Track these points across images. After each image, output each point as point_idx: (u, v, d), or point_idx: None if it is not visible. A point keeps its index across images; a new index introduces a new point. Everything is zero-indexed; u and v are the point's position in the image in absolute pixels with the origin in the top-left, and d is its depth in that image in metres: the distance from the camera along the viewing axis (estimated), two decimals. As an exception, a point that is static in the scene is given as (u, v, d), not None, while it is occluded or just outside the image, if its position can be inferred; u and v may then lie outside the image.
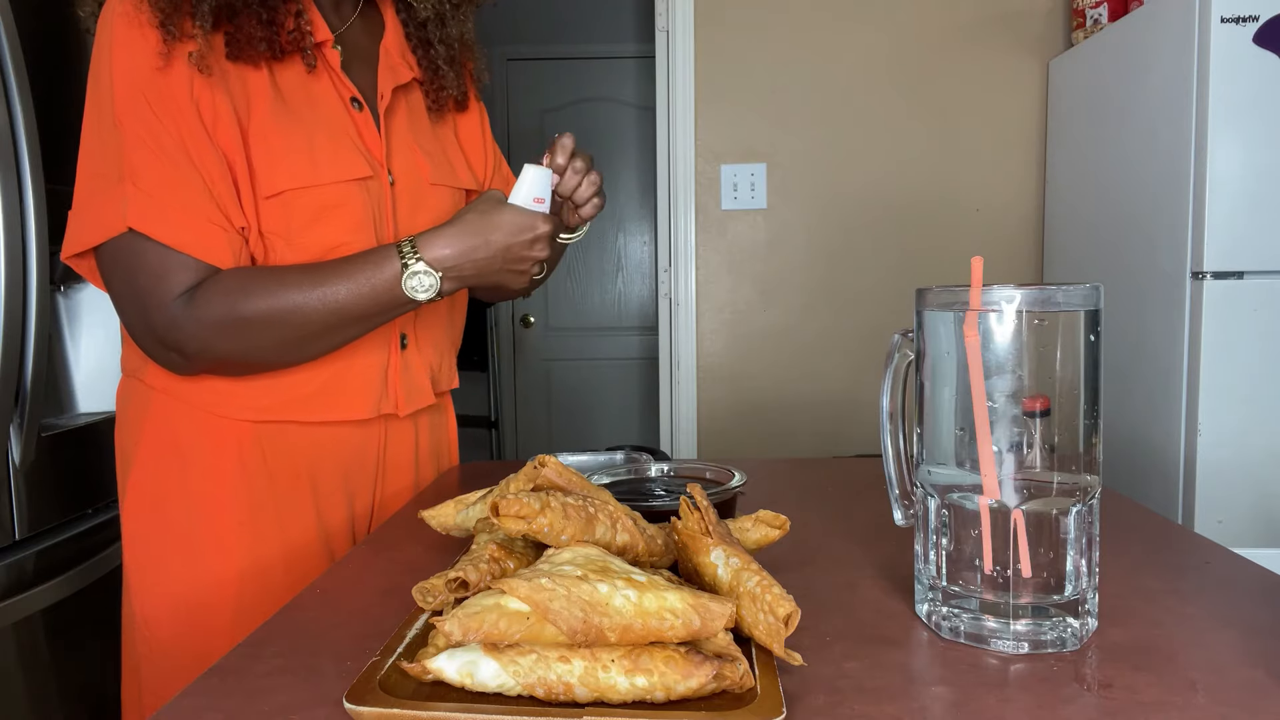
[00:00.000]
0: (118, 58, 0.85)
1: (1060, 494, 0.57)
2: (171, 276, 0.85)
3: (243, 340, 0.86)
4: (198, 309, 0.84)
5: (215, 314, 0.85)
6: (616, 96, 3.97)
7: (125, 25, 0.85)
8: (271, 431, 0.95)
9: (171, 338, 0.86)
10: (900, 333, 0.65)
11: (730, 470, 0.86)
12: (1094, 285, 0.57)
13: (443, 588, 0.59)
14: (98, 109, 0.86)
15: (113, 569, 1.73)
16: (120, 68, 0.85)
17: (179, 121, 0.85)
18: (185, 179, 0.85)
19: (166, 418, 0.94)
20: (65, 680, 1.59)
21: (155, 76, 0.85)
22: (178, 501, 0.93)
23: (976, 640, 0.58)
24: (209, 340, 0.86)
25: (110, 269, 0.87)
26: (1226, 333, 1.69)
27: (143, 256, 0.84)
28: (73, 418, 1.72)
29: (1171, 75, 1.78)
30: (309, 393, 0.95)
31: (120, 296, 0.87)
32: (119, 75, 0.84)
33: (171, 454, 0.93)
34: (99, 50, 0.87)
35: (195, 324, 0.85)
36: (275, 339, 0.87)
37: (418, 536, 0.85)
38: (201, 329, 0.85)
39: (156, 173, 0.84)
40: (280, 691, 0.53)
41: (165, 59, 0.85)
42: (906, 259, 2.51)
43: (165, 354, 0.88)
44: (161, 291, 0.85)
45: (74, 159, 0.89)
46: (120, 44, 0.85)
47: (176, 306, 0.85)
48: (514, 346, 4.14)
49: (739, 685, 0.49)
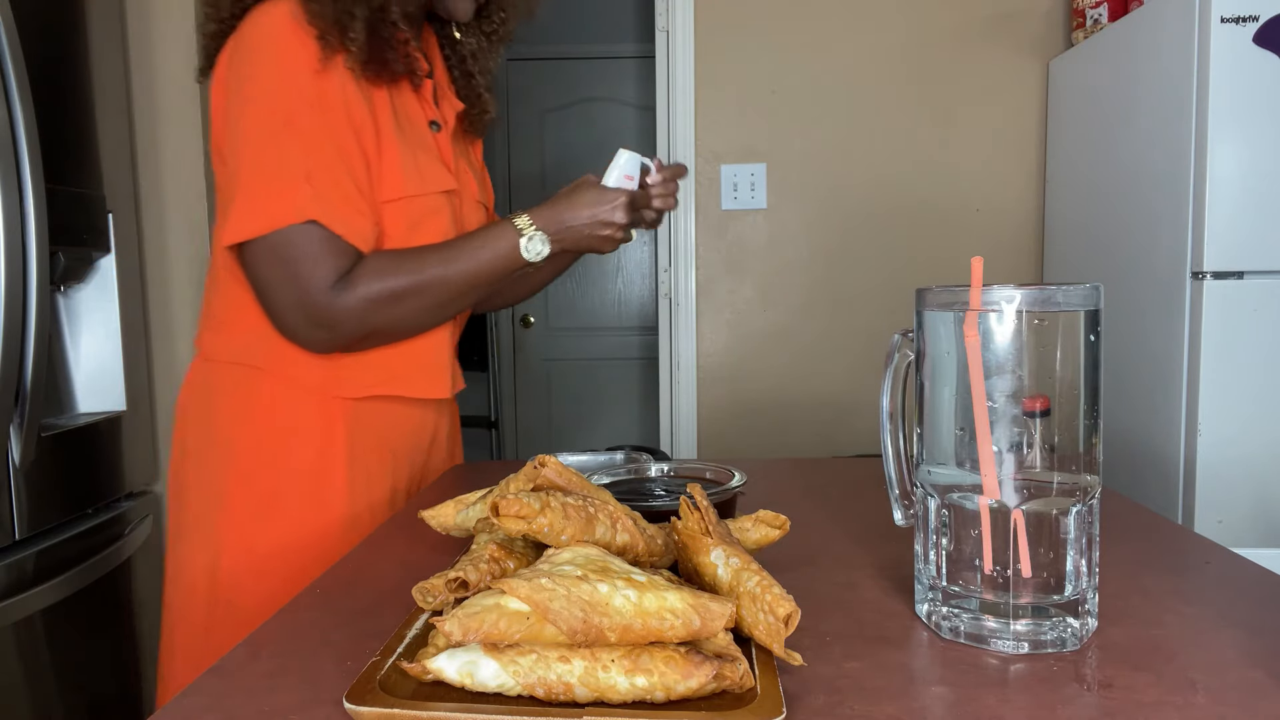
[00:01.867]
0: (286, 65, 0.94)
1: (1060, 494, 0.57)
2: (330, 261, 0.95)
3: (395, 311, 0.98)
4: (356, 289, 0.95)
5: (373, 291, 0.96)
6: (616, 96, 3.97)
7: (290, 36, 0.94)
8: (365, 408, 1.06)
9: (328, 317, 0.95)
10: (900, 333, 0.65)
11: (730, 470, 0.86)
12: (1094, 285, 0.57)
13: (443, 588, 0.59)
14: (262, 109, 0.94)
15: (113, 569, 1.73)
16: (288, 74, 0.94)
17: (337, 125, 0.96)
18: (344, 175, 0.96)
19: (275, 398, 1.02)
20: (65, 680, 1.59)
21: (319, 82, 0.95)
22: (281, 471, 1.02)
23: (976, 640, 0.58)
24: (366, 315, 0.96)
25: (269, 256, 0.94)
26: (1226, 333, 1.69)
27: (306, 244, 0.94)
28: (73, 418, 1.72)
29: (1171, 75, 1.78)
30: (401, 371, 1.07)
31: (275, 281, 0.95)
32: (288, 81, 0.94)
33: (279, 430, 1.02)
34: (260, 56, 0.95)
35: (356, 301, 0.95)
36: (420, 306, 1.00)
37: (418, 536, 0.85)
38: (361, 306, 0.96)
39: (325, 169, 0.95)
40: (280, 691, 0.53)
41: (324, 68, 0.95)
42: (906, 259, 2.51)
43: (314, 332, 0.97)
44: (320, 276, 0.94)
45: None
46: (288, 53, 0.94)
47: (336, 289, 0.95)
48: (514, 346, 4.14)
49: (739, 685, 0.49)
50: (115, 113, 1.79)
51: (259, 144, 0.94)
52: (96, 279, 1.76)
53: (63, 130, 1.61)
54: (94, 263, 1.75)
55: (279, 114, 0.94)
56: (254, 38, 0.95)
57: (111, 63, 1.79)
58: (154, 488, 1.99)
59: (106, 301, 1.77)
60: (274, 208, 0.93)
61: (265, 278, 0.95)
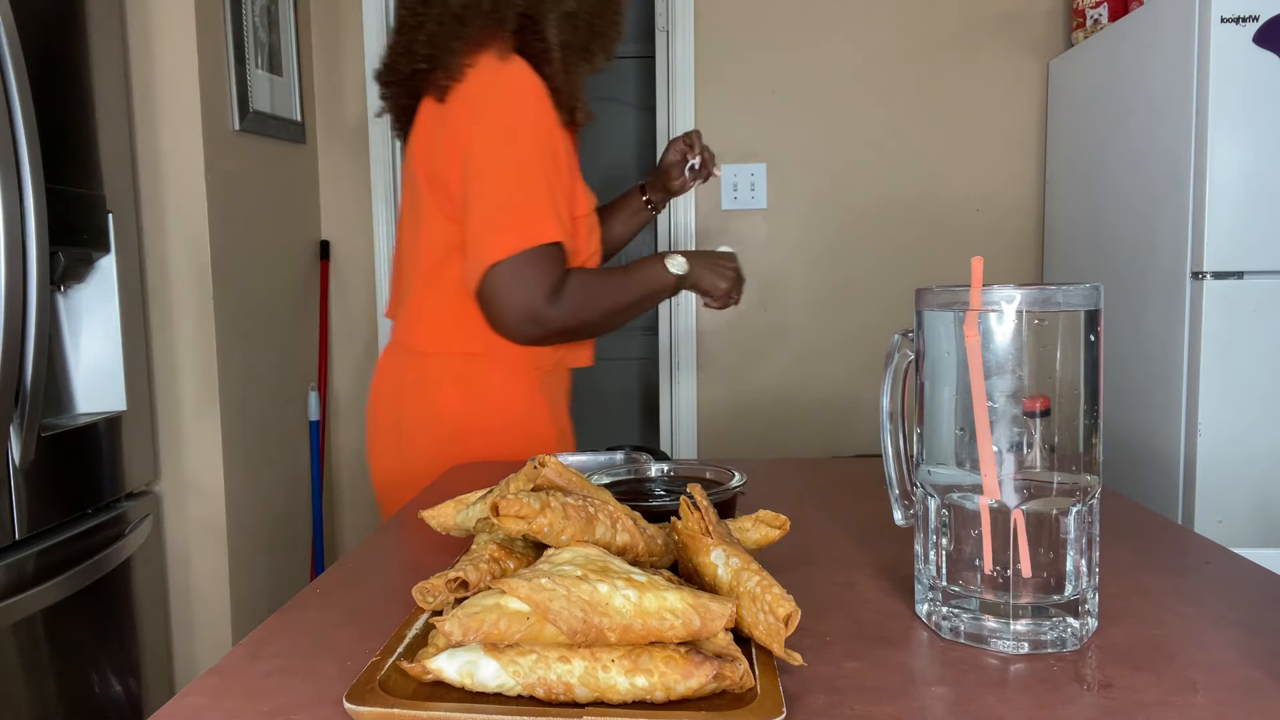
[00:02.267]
0: (536, 113, 1.17)
1: (1060, 494, 0.57)
2: (554, 272, 1.17)
3: (585, 321, 1.21)
4: (566, 298, 1.18)
5: (576, 301, 1.19)
6: (616, 96, 3.97)
7: (536, 91, 1.17)
8: (551, 377, 1.34)
9: (545, 316, 1.17)
10: (900, 333, 0.65)
11: (730, 470, 0.86)
12: (1094, 285, 0.57)
13: (443, 588, 0.59)
14: (512, 145, 1.16)
15: (113, 569, 1.73)
16: (534, 119, 1.17)
17: (561, 161, 1.20)
18: (564, 202, 1.20)
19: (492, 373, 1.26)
20: (65, 680, 1.59)
21: (554, 128, 1.19)
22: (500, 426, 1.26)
23: (976, 640, 0.58)
24: (567, 322, 1.19)
25: (514, 268, 1.15)
26: (1226, 333, 1.69)
27: (543, 261, 1.16)
28: (73, 418, 1.72)
29: (1171, 75, 1.78)
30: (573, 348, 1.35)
31: (512, 286, 1.15)
32: (538, 126, 1.17)
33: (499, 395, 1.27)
34: (507, 101, 1.17)
35: (565, 306, 1.18)
36: (603, 317, 1.23)
37: (418, 536, 0.85)
38: (567, 310, 1.18)
39: (559, 199, 1.18)
40: (280, 691, 0.53)
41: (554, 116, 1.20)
42: (906, 259, 2.51)
43: (529, 329, 1.18)
44: (545, 284, 1.16)
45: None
46: (535, 104, 1.17)
47: (552, 300, 1.17)
48: (514, 346, 4.15)
49: (739, 685, 0.49)
50: (115, 113, 1.79)
51: (517, 176, 1.15)
52: (96, 279, 1.76)
53: (63, 130, 1.61)
54: (94, 263, 1.75)
55: (522, 151, 1.16)
56: (504, 88, 1.16)
57: (111, 63, 1.79)
58: (154, 488, 1.99)
59: (106, 301, 1.77)
60: (529, 230, 1.15)
61: (504, 284, 1.15)
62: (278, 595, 2.28)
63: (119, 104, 1.81)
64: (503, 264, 1.14)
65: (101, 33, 1.75)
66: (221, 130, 2.04)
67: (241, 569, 2.10)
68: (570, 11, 1.23)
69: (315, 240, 2.54)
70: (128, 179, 1.84)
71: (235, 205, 2.08)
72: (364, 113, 2.54)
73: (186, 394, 1.99)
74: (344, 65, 2.53)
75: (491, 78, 1.16)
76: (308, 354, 2.49)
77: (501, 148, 1.15)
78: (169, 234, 1.96)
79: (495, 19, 1.18)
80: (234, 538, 2.07)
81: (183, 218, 1.96)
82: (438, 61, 1.20)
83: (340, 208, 2.57)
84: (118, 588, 1.77)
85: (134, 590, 1.83)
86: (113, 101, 1.79)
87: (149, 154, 1.94)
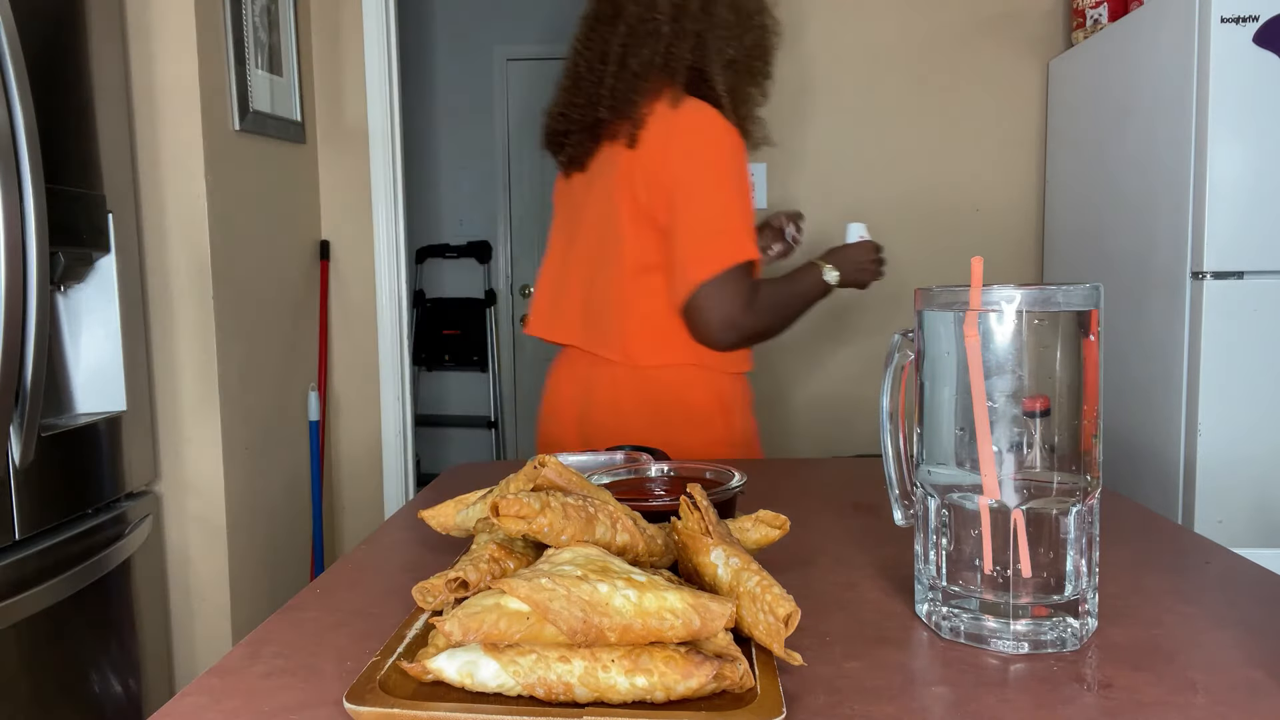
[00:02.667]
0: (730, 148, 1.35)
1: (1060, 494, 0.57)
2: (749, 285, 1.35)
3: (768, 326, 1.39)
4: (759, 307, 1.36)
5: (765, 309, 1.37)
6: (616, 96, 3.97)
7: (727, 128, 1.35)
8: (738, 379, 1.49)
9: (742, 323, 1.34)
10: (900, 333, 0.65)
11: (730, 470, 0.86)
12: (1094, 285, 0.57)
13: (443, 588, 0.59)
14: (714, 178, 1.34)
15: (113, 569, 1.73)
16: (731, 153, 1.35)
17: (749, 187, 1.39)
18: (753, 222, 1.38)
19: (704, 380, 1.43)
20: (65, 680, 1.59)
21: (744, 159, 1.38)
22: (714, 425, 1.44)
23: (976, 640, 0.58)
24: (756, 328, 1.36)
25: (719, 282, 1.32)
26: (1226, 333, 1.69)
27: (743, 276, 1.33)
28: (73, 418, 1.72)
29: (1171, 75, 1.78)
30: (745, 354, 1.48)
31: (717, 299, 1.32)
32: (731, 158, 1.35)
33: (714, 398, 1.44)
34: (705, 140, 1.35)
35: (757, 314, 1.35)
36: (782, 322, 1.42)
37: (418, 536, 0.85)
38: (759, 318, 1.36)
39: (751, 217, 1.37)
40: (280, 691, 0.53)
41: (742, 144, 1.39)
42: (906, 259, 2.51)
43: (728, 336, 1.35)
44: (744, 296, 1.33)
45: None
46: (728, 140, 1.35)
47: (747, 310, 1.34)
48: (514, 346, 4.14)
49: (739, 685, 0.49)
50: (115, 113, 1.79)
51: (720, 204, 1.33)
52: (96, 279, 1.76)
53: (63, 130, 1.61)
54: (94, 263, 1.75)
55: (728, 182, 1.34)
56: (700, 130, 1.34)
57: (111, 63, 1.79)
58: (154, 488, 1.99)
59: (106, 301, 1.77)
60: (732, 249, 1.32)
61: (710, 297, 1.32)
62: (278, 595, 2.28)
63: (119, 104, 1.81)
64: (710, 281, 1.32)
65: (101, 33, 1.75)
66: (221, 130, 2.04)
67: (241, 569, 2.10)
68: (731, 59, 1.40)
69: (315, 240, 2.54)
70: (128, 179, 1.84)
71: (235, 205, 2.08)
72: (364, 113, 2.54)
73: (186, 394, 1.99)
74: (344, 65, 2.53)
75: (678, 120, 1.35)
76: (308, 354, 2.49)
77: (705, 181, 1.34)
78: (169, 234, 1.96)
79: (668, 73, 1.37)
80: (234, 538, 2.07)
81: (183, 218, 1.96)
82: (619, 112, 1.38)
83: (340, 208, 2.57)
84: (118, 588, 1.77)
85: (134, 590, 1.83)
86: (113, 101, 1.79)
87: (149, 154, 1.94)
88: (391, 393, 2.60)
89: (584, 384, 1.46)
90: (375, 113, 2.52)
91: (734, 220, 1.34)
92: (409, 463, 2.66)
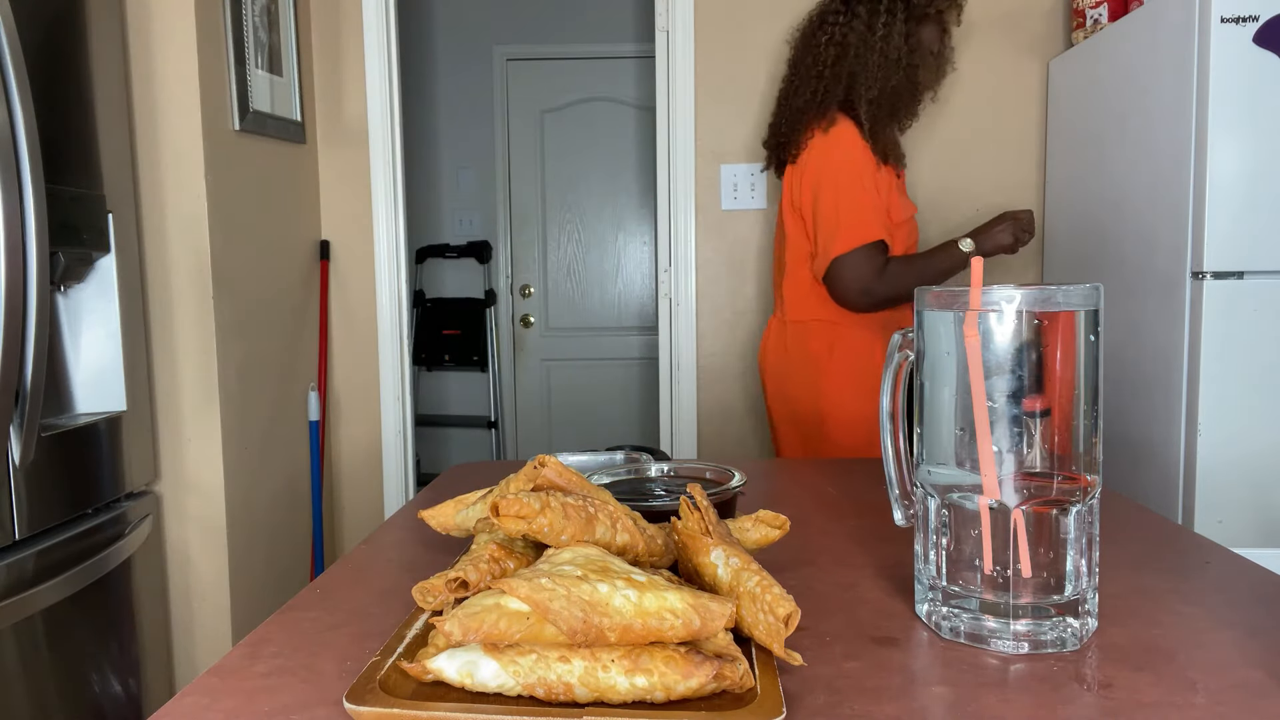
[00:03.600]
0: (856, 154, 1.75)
1: (1060, 494, 0.57)
2: (879, 258, 1.73)
3: (899, 291, 1.74)
4: (888, 279, 1.73)
5: (896, 279, 1.74)
6: (616, 96, 3.97)
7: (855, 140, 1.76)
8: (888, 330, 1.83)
9: (875, 289, 1.73)
10: (900, 333, 0.65)
11: (730, 470, 0.86)
12: (1094, 285, 0.57)
13: (443, 588, 0.59)
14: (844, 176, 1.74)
15: (113, 569, 1.73)
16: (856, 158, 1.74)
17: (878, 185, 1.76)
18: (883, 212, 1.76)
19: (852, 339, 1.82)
20: (65, 680, 1.59)
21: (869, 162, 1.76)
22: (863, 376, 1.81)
23: (976, 640, 0.58)
24: (888, 292, 1.73)
25: (853, 256, 1.71)
26: (1226, 333, 1.69)
27: (874, 251, 1.72)
28: (73, 418, 1.72)
29: (1171, 75, 1.78)
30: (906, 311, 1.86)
31: (851, 268, 1.72)
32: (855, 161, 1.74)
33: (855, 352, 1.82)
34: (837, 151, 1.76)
35: (887, 285, 1.73)
36: (910, 290, 1.72)
37: (418, 536, 0.85)
38: (889, 288, 1.73)
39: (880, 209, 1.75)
40: (280, 691, 0.53)
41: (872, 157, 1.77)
42: (906, 259, 2.51)
43: (863, 300, 1.74)
44: (875, 266, 1.72)
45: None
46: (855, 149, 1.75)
47: (878, 277, 1.72)
48: (514, 346, 4.14)
49: (739, 685, 0.49)
50: (115, 113, 1.79)
51: (850, 197, 1.73)
52: (96, 279, 1.76)
53: (63, 130, 1.61)
54: (94, 263, 1.75)
55: (857, 180, 1.73)
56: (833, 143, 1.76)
57: (111, 63, 1.79)
58: (154, 488, 1.99)
59: (106, 301, 1.77)
60: (864, 231, 1.71)
61: (845, 267, 1.72)
62: (278, 595, 2.28)
63: (119, 104, 1.81)
64: (845, 255, 1.71)
65: (101, 33, 1.75)
66: (221, 130, 2.04)
67: (241, 569, 2.10)
68: (873, 99, 1.78)
69: (315, 240, 2.54)
70: (128, 179, 1.84)
71: (235, 205, 2.08)
72: (364, 113, 2.54)
73: (186, 394, 2.00)
74: (344, 65, 2.53)
75: (825, 140, 1.77)
76: (308, 354, 2.49)
77: (837, 180, 1.73)
78: (169, 234, 1.96)
79: (823, 109, 1.80)
80: (234, 538, 2.07)
81: (183, 218, 1.96)
82: (789, 139, 1.88)
83: (340, 208, 2.57)
84: (118, 588, 1.77)
85: (134, 590, 1.83)
86: (113, 101, 1.79)
87: (149, 154, 1.94)
88: (391, 393, 2.60)
89: (776, 338, 1.95)
90: (375, 113, 2.52)
91: (864, 211, 1.72)
92: (409, 463, 2.66)
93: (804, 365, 1.85)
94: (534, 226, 4.08)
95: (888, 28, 1.78)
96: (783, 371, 1.91)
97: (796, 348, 1.87)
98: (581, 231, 4.06)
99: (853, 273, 1.71)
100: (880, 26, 1.78)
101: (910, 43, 1.80)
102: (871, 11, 1.79)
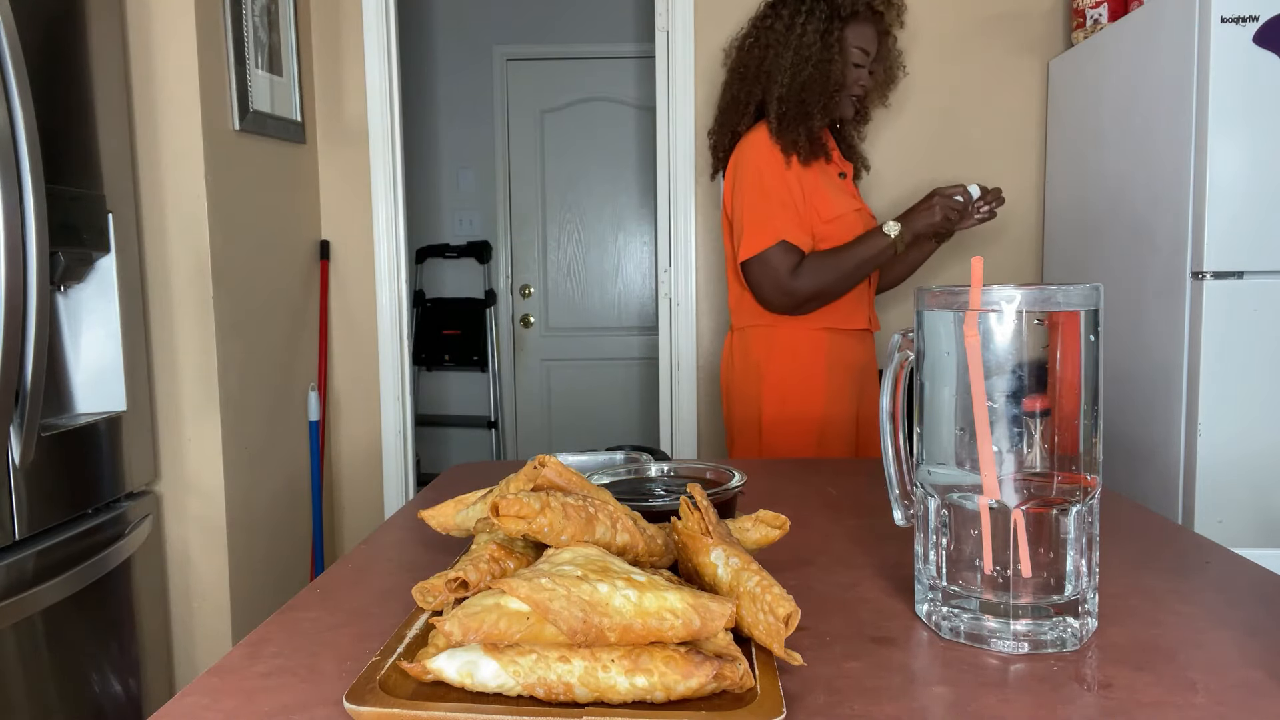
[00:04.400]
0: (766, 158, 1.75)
1: (1060, 494, 0.57)
2: (791, 258, 1.72)
3: (822, 286, 1.72)
4: (804, 276, 1.72)
5: (812, 275, 1.72)
6: (616, 96, 3.97)
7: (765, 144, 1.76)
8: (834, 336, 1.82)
9: (792, 288, 1.72)
10: (900, 333, 0.65)
11: (730, 470, 0.86)
12: (1094, 285, 0.57)
13: (443, 588, 0.59)
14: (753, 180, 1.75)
15: (113, 569, 1.73)
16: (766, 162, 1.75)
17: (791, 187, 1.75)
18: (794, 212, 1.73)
19: (789, 341, 1.81)
20: (65, 680, 1.59)
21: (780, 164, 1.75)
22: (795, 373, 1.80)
23: (976, 640, 0.58)
24: (808, 289, 1.71)
25: (761, 259, 1.72)
26: (1226, 333, 1.69)
27: (782, 251, 1.71)
28: (73, 418, 1.72)
29: (1171, 75, 1.79)
30: (847, 312, 1.83)
31: (762, 272, 1.72)
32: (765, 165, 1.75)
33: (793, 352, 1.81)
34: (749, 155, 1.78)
35: (804, 282, 1.71)
36: (835, 283, 1.73)
37: (418, 536, 0.85)
38: (807, 285, 1.72)
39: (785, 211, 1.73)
40: (280, 691, 0.53)
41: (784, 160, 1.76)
42: (906, 259, 2.51)
43: (784, 300, 1.73)
44: (787, 266, 1.71)
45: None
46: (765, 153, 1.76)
47: (792, 276, 1.71)
48: (514, 346, 4.14)
49: (739, 685, 0.49)
50: (115, 113, 1.79)
51: (758, 200, 1.73)
52: (96, 279, 1.76)
53: (63, 130, 1.61)
54: (94, 263, 1.75)
55: (765, 182, 1.74)
56: (748, 148, 1.78)
57: (111, 63, 1.79)
58: (154, 488, 1.99)
59: (106, 301, 1.77)
60: (767, 233, 1.71)
61: (758, 271, 1.73)
62: (278, 595, 2.28)
63: (119, 104, 1.81)
64: (752, 259, 1.73)
65: (101, 33, 1.75)
66: (221, 130, 2.04)
67: (241, 569, 2.10)
68: (781, 95, 1.77)
69: (315, 240, 2.54)
70: (128, 179, 1.84)
71: (235, 205, 2.08)
72: (364, 113, 2.54)
73: (186, 394, 1.99)
74: (344, 65, 2.53)
75: (741, 144, 1.81)
76: (308, 354, 2.49)
77: (744, 183, 1.77)
78: (169, 234, 1.96)
79: (740, 112, 1.85)
80: (234, 538, 2.07)
81: (183, 218, 1.96)
82: (718, 140, 1.92)
83: (340, 208, 2.57)
84: (118, 588, 1.77)
85: (134, 590, 1.83)
86: (113, 101, 1.79)
87: (149, 154, 1.94)
88: (391, 393, 2.60)
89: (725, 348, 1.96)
90: (375, 113, 2.52)
91: (770, 212, 1.72)
92: (409, 463, 2.66)
93: (746, 372, 1.85)
94: (534, 226, 4.08)
95: (804, 26, 1.77)
96: (730, 379, 1.91)
97: (740, 355, 1.87)
98: (581, 231, 4.06)
99: (764, 275, 1.71)
100: (798, 26, 1.77)
101: (828, 40, 1.77)
102: (793, 12, 1.79)
